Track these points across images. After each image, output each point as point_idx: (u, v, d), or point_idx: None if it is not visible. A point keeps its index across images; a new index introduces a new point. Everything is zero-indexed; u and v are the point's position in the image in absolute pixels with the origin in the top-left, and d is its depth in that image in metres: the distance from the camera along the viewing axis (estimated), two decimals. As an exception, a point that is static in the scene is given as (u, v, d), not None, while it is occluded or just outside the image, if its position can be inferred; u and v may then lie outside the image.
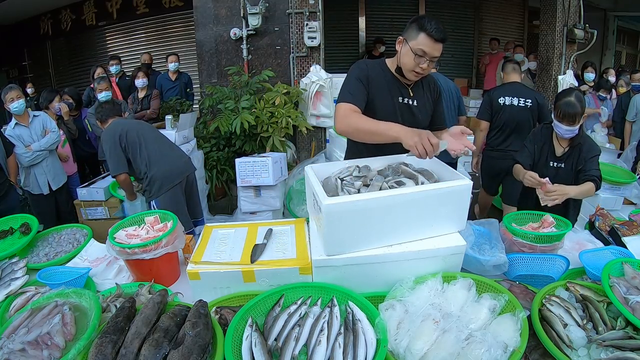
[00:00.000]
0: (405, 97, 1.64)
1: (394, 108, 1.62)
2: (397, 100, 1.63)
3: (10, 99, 3.04)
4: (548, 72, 5.19)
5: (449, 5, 7.16)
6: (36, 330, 1.05)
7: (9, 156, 2.95)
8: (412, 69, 1.53)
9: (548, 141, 2.13)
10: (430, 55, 1.48)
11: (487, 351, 0.95)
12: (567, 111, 1.93)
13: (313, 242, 1.33)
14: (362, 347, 0.99)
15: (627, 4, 7.60)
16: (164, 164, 2.72)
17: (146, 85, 4.52)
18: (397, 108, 1.63)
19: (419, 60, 1.49)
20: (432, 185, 1.29)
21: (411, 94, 1.65)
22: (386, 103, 1.61)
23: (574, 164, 2.05)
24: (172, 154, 2.83)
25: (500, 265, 1.41)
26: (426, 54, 1.48)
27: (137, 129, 2.73)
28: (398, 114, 1.62)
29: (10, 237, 1.83)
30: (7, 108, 3.08)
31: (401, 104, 1.63)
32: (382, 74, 1.63)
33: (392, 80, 1.63)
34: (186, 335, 0.97)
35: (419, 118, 1.66)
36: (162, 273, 1.50)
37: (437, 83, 1.76)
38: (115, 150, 2.62)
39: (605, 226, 1.82)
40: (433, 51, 1.48)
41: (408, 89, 1.65)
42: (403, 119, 1.60)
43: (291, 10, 4.49)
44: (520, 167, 2.11)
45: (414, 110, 1.65)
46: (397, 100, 1.63)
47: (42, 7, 6.90)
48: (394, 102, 1.62)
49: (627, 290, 1.14)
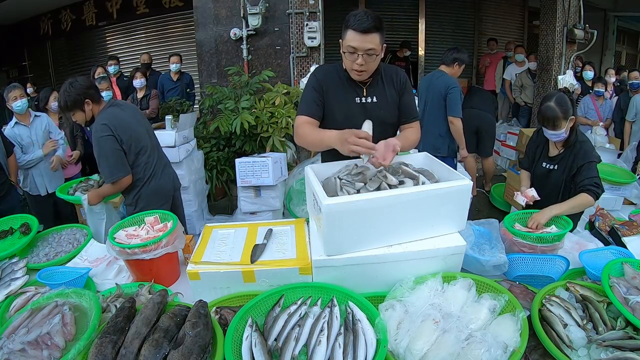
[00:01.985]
0: (362, 96, 1.62)
1: (351, 110, 1.60)
2: (354, 102, 1.61)
3: (14, 98, 3.06)
4: (548, 72, 5.19)
5: (449, 5, 7.16)
6: (36, 331, 1.05)
7: (9, 156, 2.95)
8: (350, 67, 1.51)
9: (544, 142, 2.13)
10: (361, 49, 1.43)
11: (487, 351, 0.95)
12: (546, 115, 1.91)
13: (313, 242, 1.33)
14: (362, 347, 0.99)
15: (627, 4, 7.60)
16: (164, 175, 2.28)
17: (144, 86, 4.53)
18: (356, 109, 1.61)
19: (351, 57, 1.46)
20: (432, 185, 1.29)
21: (365, 92, 1.62)
22: (343, 106, 1.60)
23: (566, 168, 2.01)
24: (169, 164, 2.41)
25: (500, 266, 1.41)
26: (357, 49, 1.44)
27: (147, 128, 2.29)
28: (357, 114, 1.59)
29: (10, 237, 1.83)
30: (10, 107, 3.08)
31: (359, 104, 1.62)
32: (337, 77, 1.63)
33: (348, 82, 1.62)
34: (186, 335, 0.97)
35: (382, 114, 1.63)
36: (162, 273, 1.50)
37: (400, 74, 1.68)
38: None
39: (605, 226, 1.82)
40: (363, 44, 1.42)
41: (363, 88, 1.62)
42: (367, 118, 1.55)
43: (291, 10, 4.50)
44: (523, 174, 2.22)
45: (375, 107, 1.63)
46: (353, 101, 1.61)
47: (42, 7, 6.91)
48: (349, 104, 1.61)
49: (627, 290, 1.14)
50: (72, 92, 1.98)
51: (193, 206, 3.67)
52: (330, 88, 1.61)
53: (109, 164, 2.00)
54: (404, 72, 1.72)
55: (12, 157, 2.99)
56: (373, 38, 1.43)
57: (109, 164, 2.00)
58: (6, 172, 2.89)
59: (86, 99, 2.01)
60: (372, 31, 1.42)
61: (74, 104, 1.99)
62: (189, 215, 3.63)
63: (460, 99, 3.17)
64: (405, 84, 1.67)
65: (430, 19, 7.06)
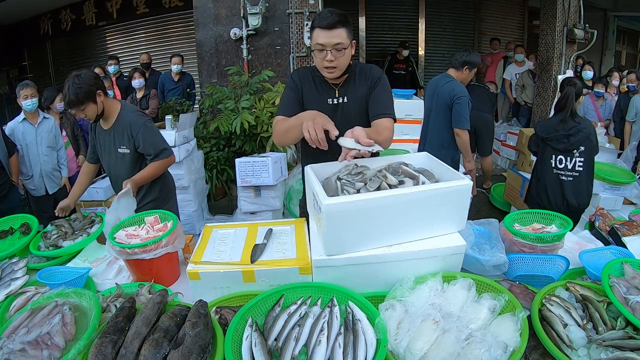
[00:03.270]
0: (333, 97, 1.64)
1: (327, 109, 1.60)
2: (326, 103, 1.64)
3: (25, 96, 3.08)
4: (548, 72, 5.19)
5: (449, 5, 7.17)
6: (36, 330, 1.05)
7: (11, 156, 2.95)
8: (322, 66, 1.53)
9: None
10: (329, 45, 1.45)
11: (487, 351, 0.94)
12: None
13: (313, 242, 1.33)
14: (362, 347, 0.99)
15: (627, 4, 7.60)
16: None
17: (144, 86, 4.53)
18: (331, 108, 1.63)
19: (321, 55, 1.49)
20: (432, 185, 1.29)
21: (337, 94, 1.64)
22: (316, 107, 1.59)
23: None
24: None
25: (500, 266, 1.41)
26: (325, 46, 1.46)
27: None
28: (332, 114, 1.58)
29: (10, 237, 1.83)
30: (20, 103, 3.09)
31: (331, 105, 1.64)
32: (312, 79, 1.66)
33: (321, 83, 1.65)
34: (186, 335, 0.97)
35: (353, 114, 1.64)
36: (162, 273, 1.50)
37: (374, 70, 1.66)
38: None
39: (605, 226, 1.82)
40: (330, 39, 1.45)
41: (335, 90, 1.64)
42: (341, 118, 1.58)
43: (291, 10, 4.50)
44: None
45: (346, 108, 1.64)
46: (326, 102, 1.64)
47: (42, 7, 6.91)
48: (322, 106, 1.62)
49: (627, 290, 1.14)
50: (82, 85, 1.92)
51: (193, 206, 3.67)
52: (306, 89, 1.65)
53: (163, 139, 2.17)
54: (379, 68, 1.70)
55: (14, 158, 2.99)
56: (339, 33, 1.45)
57: (163, 139, 2.17)
58: (8, 172, 2.89)
59: (98, 89, 1.98)
60: (338, 26, 1.45)
61: (87, 95, 1.94)
62: (189, 215, 3.64)
63: (467, 109, 2.88)
64: (378, 79, 1.63)
65: (430, 19, 7.06)
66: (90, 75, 1.98)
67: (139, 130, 2.05)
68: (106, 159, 2.21)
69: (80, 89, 1.92)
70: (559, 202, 2.57)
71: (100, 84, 2.01)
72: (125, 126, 2.06)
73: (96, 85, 1.98)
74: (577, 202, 2.55)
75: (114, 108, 2.09)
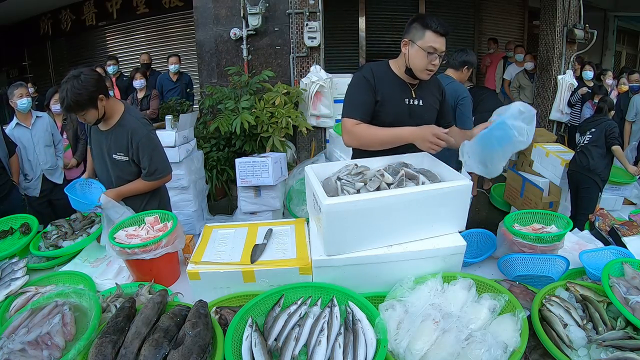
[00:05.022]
0: (411, 98, 1.67)
1: (403, 109, 1.65)
2: (405, 102, 1.66)
3: (19, 95, 3.06)
4: (548, 72, 5.19)
5: (449, 5, 7.16)
6: (36, 330, 1.05)
7: (11, 156, 2.95)
8: (425, 67, 1.58)
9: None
10: (439, 50, 1.54)
11: (487, 351, 0.95)
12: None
13: (313, 242, 1.33)
14: (362, 347, 0.99)
15: (627, 4, 7.60)
16: None
17: (145, 86, 4.53)
18: (407, 109, 1.66)
19: (430, 57, 1.55)
20: (432, 185, 1.29)
21: (413, 94, 1.68)
22: (397, 105, 1.65)
23: None
24: None
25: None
26: (436, 50, 1.54)
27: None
28: (407, 115, 1.65)
29: (10, 237, 1.83)
30: (14, 104, 3.08)
31: (409, 105, 1.66)
32: (389, 76, 1.66)
33: (399, 82, 1.67)
34: (186, 335, 0.97)
35: (426, 117, 1.69)
36: (162, 273, 1.50)
37: (440, 82, 1.81)
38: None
39: (605, 226, 1.81)
40: (442, 46, 1.54)
41: (411, 90, 1.68)
42: (412, 120, 1.64)
43: (291, 10, 4.50)
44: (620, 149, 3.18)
45: (421, 110, 1.68)
46: (405, 101, 1.66)
47: (42, 7, 6.90)
48: (403, 104, 1.65)
49: (627, 290, 1.14)
50: (82, 89, 1.71)
51: (193, 206, 3.67)
52: (383, 85, 1.64)
53: (164, 158, 1.98)
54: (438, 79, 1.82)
55: (15, 158, 2.99)
56: (446, 42, 1.57)
57: (164, 158, 1.98)
58: (8, 172, 2.89)
59: (100, 93, 1.77)
60: (447, 35, 1.56)
61: (88, 101, 1.74)
62: (189, 215, 3.64)
63: (470, 109, 2.93)
64: (444, 90, 1.80)
65: (430, 19, 7.05)
66: (91, 77, 1.76)
67: (139, 140, 1.86)
68: (97, 161, 2.02)
69: (80, 94, 1.71)
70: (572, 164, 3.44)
71: (102, 86, 1.81)
72: (126, 132, 1.86)
73: (98, 88, 1.77)
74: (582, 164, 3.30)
75: (115, 110, 1.89)
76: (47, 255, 1.71)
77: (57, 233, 1.83)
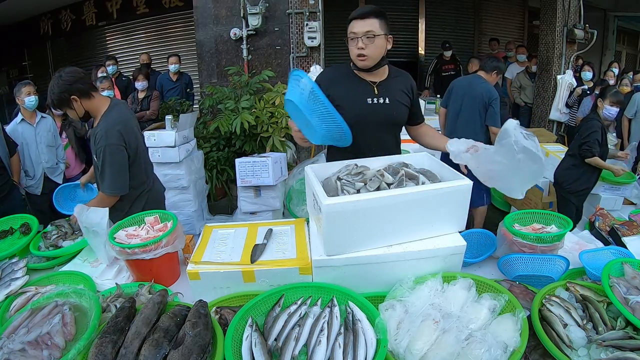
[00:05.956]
0: (374, 97, 1.65)
1: (364, 109, 1.63)
2: (367, 102, 1.64)
3: (27, 93, 3.09)
4: (548, 72, 5.19)
5: (449, 5, 7.17)
6: (36, 330, 1.05)
7: (12, 155, 2.95)
8: (355, 54, 1.58)
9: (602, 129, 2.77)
10: (360, 32, 1.53)
11: (487, 351, 0.94)
12: (619, 98, 2.74)
13: (313, 242, 1.33)
14: (362, 347, 0.99)
15: (627, 4, 7.60)
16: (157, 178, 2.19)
17: (147, 87, 4.53)
18: (369, 109, 1.64)
19: (353, 43, 1.56)
20: (432, 185, 1.29)
21: (376, 92, 1.65)
22: (356, 105, 1.63)
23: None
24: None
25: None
26: (356, 34, 1.54)
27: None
28: (370, 114, 1.64)
29: (10, 237, 1.83)
30: (21, 101, 3.10)
31: (372, 104, 1.64)
32: (348, 77, 1.66)
33: (359, 82, 1.65)
34: (186, 335, 0.97)
35: (394, 116, 1.68)
36: (162, 273, 1.50)
37: (411, 79, 1.76)
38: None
39: (605, 226, 1.82)
40: (362, 28, 1.53)
41: (374, 88, 1.65)
42: (377, 118, 1.64)
43: (291, 10, 4.50)
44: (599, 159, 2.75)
45: (387, 108, 1.66)
46: (367, 101, 1.64)
47: (42, 7, 6.90)
48: (364, 104, 1.63)
49: (627, 290, 1.14)
50: (55, 90, 1.76)
51: (193, 206, 3.66)
52: (337, 90, 1.63)
53: (114, 177, 1.82)
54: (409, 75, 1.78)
55: (15, 157, 2.99)
56: (372, 22, 1.53)
57: (114, 177, 1.82)
58: (9, 172, 2.89)
59: (72, 95, 1.77)
60: (370, 16, 1.53)
61: (60, 102, 1.79)
62: (189, 215, 3.64)
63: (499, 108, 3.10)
64: (414, 87, 1.76)
65: (430, 19, 7.06)
66: (66, 79, 1.76)
67: (97, 149, 1.80)
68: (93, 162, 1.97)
69: (54, 94, 1.78)
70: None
71: (76, 88, 1.78)
72: (94, 136, 1.82)
73: (70, 90, 1.76)
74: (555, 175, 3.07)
75: (99, 111, 1.86)
76: (47, 255, 1.71)
77: (57, 233, 1.83)
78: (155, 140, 3.37)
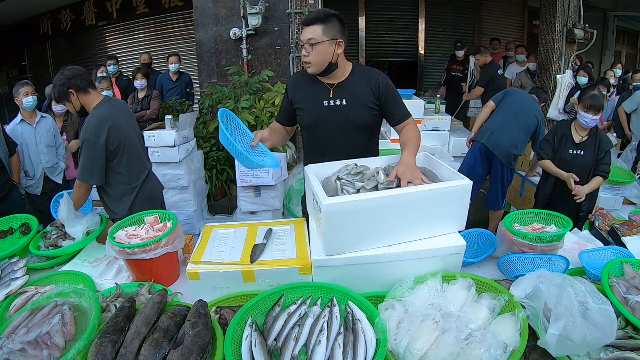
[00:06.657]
0: (330, 99, 1.65)
1: (321, 112, 1.65)
2: (324, 104, 1.65)
3: (25, 93, 3.07)
4: (548, 72, 5.18)
5: (449, 5, 7.16)
6: (36, 330, 1.05)
7: (12, 156, 2.95)
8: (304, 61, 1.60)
9: (568, 131, 2.54)
10: (303, 40, 1.55)
11: (487, 351, 0.95)
12: (594, 103, 2.36)
13: (313, 242, 1.33)
14: (362, 347, 0.99)
15: (627, 4, 7.60)
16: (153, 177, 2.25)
17: (146, 86, 4.53)
18: (326, 111, 1.65)
19: (302, 51, 1.59)
20: (432, 185, 1.29)
21: (332, 95, 1.64)
22: (313, 108, 1.66)
23: (594, 152, 2.45)
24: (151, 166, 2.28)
25: None
26: (302, 41, 1.57)
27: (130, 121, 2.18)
28: (327, 116, 1.65)
29: (10, 237, 1.83)
30: (20, 102, 3.09)
31: (329, 107, 1.65)
32: (308, 82, 1.69)
33: (317, 85, 1.67)
34: (186, 335, 0.97)
35: (352, 117, 1.64)
36: (162, 273, 1.50)
37: (380, 77, 1.65)
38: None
39: (605, 226, 1.82)
40: (305, 35, 1.55)
41: (330, 91, 1.65)
42: (335, 120, 1.65)
43: (291, 10, 4.49)
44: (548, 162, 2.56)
45: (345, 110, 1.64)
46: (323, 104, 1.65)
47: (42, 7, 6.90)
48: (321, 107, 1.65)
49: (627, 290, 1.14)
50: (57, 83, 1.91)
51: (193, 206, 3.66)
52: (298, 95, 1.70)
53: (85, 166, 1.92)
54: (380, 72, 1.70)
55: (15, 157, 2.99)
56: (314, 30, 1.52)
57: (85, 166, 1.92)
58: (9, 172, 2.89)
59: (70, 89, 1.90)
60: (315, 23, 1.52)
61: (60, 95, 1.93)
62: (189, 215, 3.64)
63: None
64: (385, 85, 1.64)
65: (430, 19, 7.06)
66: (68, 74, 1.91)
67: (82, 140, 1.91)
68: None
69: (55, 88, 1.93)
70: None
71: (74, 83, 1.90)
72: (83, 128, 1.94)
73: (69, 84, 1.90)
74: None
75: (93, 105, 1.97)
76: (47, 255, 1.71)
77: (57, 233, 1.83)
78: (155, 140, 3.37)
